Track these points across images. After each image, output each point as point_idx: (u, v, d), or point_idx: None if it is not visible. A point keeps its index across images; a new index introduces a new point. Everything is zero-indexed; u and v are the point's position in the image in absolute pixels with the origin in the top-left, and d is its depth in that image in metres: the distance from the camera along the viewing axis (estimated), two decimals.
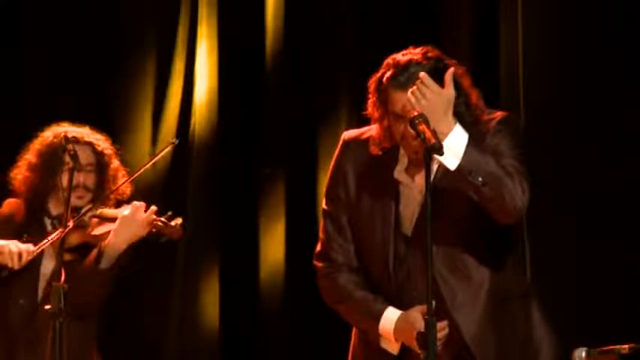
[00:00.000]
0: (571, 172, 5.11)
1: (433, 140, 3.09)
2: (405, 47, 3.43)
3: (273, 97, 5.94)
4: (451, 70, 3.26)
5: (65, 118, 4.40)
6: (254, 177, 5.94)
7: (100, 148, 4.10)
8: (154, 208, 3.90)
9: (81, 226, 3.89)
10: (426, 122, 3.14)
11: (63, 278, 3.60)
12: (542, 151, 5.04)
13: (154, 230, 3.85)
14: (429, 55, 3.33)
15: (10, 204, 4.15)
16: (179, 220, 3.88)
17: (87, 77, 6.03)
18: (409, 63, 3.29)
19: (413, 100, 3.18)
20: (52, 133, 4.17)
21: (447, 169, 3.20)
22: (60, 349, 3.51)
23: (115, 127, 5.90)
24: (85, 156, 3.98)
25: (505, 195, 3.15)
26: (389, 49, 3.52)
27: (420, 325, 3.09)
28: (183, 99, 6.01)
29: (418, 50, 3.35)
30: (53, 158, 4.03)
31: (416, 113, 3.17)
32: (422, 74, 3.21)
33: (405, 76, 3.28)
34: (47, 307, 3.54)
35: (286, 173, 5.84)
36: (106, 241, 3.90)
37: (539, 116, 5.17)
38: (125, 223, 3.83)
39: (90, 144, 4.08)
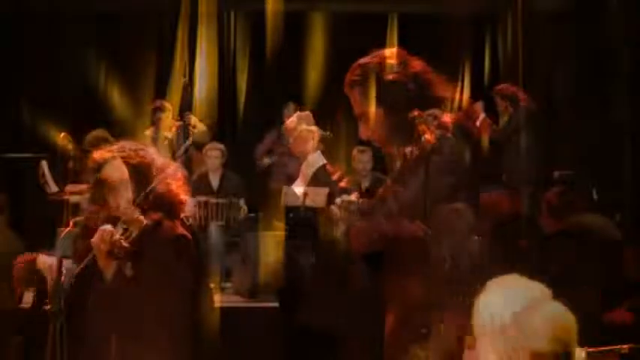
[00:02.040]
0: (570, 170, 5.13)
1: (434, 141, 3.07)
2: (405, 46, 3.44)
3: (272, 96, 5.95)
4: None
5: (65, 118, 4.40)
6: (254, 176, 5.94)
7: (132, 161, 3.95)
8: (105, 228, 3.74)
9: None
10: (426, 122, 3.12)
11: (63, 277, 3.60)
12: (541, 149, 5.06)
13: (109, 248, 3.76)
14: (383, 55, 3.32)
15: None
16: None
17: (87, 77, 6.04)
18: (361, 63, 3.31)
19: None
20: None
21: None
22: (61, 349, 3.51)
23: (115, 127, 5.92)
24: (117, 173, 3.81)
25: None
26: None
27: None
28: (184, 99, 6.01)
29: (379, 52, 3.33)
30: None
31: (416, 113, 3.16)
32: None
33: (356, 74, 3.27)
34: (47, 307, 3.53)
35: (286, 173, 5.84)
36: None
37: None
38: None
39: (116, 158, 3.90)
